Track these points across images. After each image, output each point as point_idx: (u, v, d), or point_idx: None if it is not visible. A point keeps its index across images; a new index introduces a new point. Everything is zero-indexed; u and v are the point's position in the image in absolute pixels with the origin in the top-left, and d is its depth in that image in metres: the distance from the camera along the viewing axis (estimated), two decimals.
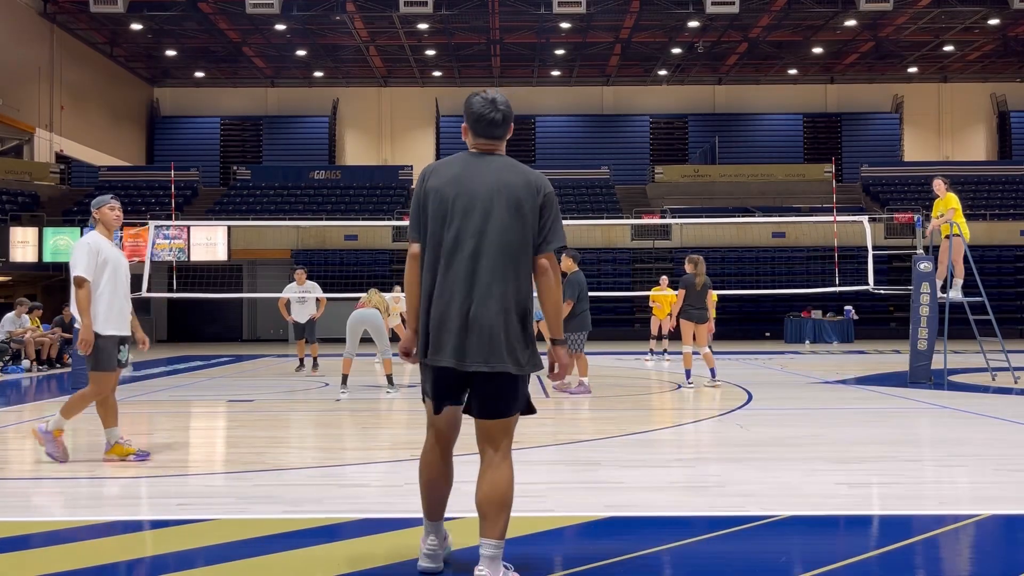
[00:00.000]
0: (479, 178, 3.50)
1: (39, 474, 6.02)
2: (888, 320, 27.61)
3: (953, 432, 7.43)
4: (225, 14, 30.36)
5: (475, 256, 3.38)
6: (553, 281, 3.45)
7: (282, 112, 39.38)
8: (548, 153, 38.50)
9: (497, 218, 3.41)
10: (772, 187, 33.34)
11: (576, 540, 4.27)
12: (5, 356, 15.02)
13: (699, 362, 11.55)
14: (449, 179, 3.51)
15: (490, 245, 3.38)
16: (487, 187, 3.47)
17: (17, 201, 29.56)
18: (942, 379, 11.17)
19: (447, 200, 3.46)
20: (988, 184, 33.31)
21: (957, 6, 29.46)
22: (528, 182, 3.53)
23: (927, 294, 11.36)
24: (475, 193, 3.46)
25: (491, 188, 3.46)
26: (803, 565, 3.79)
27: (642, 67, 37.33)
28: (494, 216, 3.41)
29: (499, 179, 3.51)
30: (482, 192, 3.45)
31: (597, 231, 28.12)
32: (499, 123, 3.68)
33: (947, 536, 4.29)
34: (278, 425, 8.28)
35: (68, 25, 31.95)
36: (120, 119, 36.98)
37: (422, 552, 3.70)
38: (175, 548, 4.15)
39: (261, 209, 31.26)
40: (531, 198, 3.48)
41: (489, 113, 3.69)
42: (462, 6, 29.62)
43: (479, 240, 3.39)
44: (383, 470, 5.86)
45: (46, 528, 4.44)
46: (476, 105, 3.69)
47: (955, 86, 38.94)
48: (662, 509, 4.80)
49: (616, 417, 8.74)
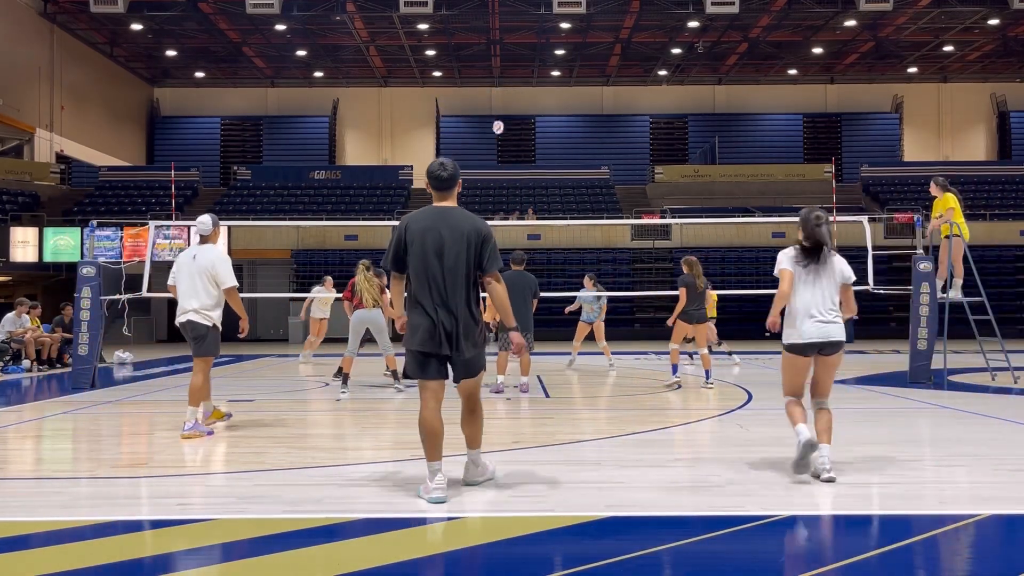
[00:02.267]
0: (443, 225, 5.03)
1: (39, 474, 6.02)
2: (888, 320, 27.60)
3: (953, 432, 7.44)
4: (225, 14, 30.37)
5: (444, 277, 4.99)
6: (497, 289, 5.07)
7: (282, 112, 39.39)
8: (548, 153, 38.50)
9: (453, 253, 4.97)
10: (772, 187, 33.34)
11: (576, 540, 4.27)
12: (5, 356, 15.02)
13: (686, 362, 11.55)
14: (423, 228, 5.02)
15: (450, 271, 4.98)
16: (449, 232, 5.00)
17: (17, 201, 29.56)
18: (942, 379, 11.16)
19: (424, 242, 5.00)
20: (988, 184, 33.31)
21: (957, 6, 29.46)
22: (474, 227, 5.03)
23: (927, 294, 11.36)
24: (441, 237, 4.99)
25: (452, 233, 4.99)
26: (803, 565, 3.79)
27: (642, 67, 37.34)
28: (452, 252, 4.98)
29: (455, 226, 5.01)
30: (447, 236, 4.99)
31: (597, 231, 28.13)
32: (445, 179, 5.10)
33: (947, 536, 4.29)
34: (278, 425, 8.29)
35: (68, 25, 31.96)
36: (120, 119, 36.98)
37: (432, 488, 4.91)
38: (175, 548, 4.15)
39: (261, 209, 31.27)
40: (476, 238, 4.99)
41: (437, 171, 5.12)
42: (462, 6, 29.62)
43: (444, 267, 4.98)
44: (383, 470, 5.86)
45: (46, 528, 4.44)
46: (430, 168, 5.15)
47: (955, 86, 38.94)
48: (662, 509, 4.81)
49: (616, 417, 8.75)
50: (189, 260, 7.46)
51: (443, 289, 4.94)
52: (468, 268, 4.98)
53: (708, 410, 9.08)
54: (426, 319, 4.95)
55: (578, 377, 13.20)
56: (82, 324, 11.76)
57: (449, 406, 5.27)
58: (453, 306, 4.94)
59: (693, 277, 11.16)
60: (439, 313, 4.93)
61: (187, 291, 7.40)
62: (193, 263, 7.42)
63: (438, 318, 4.92)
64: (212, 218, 7.81)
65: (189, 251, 7.59)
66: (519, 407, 9.54)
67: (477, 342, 5.05)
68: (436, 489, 4.87)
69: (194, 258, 7.46)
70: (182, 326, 7.47)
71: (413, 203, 33.13)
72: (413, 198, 33.68)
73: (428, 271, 4.95)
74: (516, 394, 10.76)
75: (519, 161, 38.31)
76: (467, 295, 4.99)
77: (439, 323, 4.92)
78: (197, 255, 7.48)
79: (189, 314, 7.37)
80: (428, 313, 4.94)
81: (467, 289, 4.99)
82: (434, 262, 4.94)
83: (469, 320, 4.98)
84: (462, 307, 4.96)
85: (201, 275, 7.38)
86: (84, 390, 11.30)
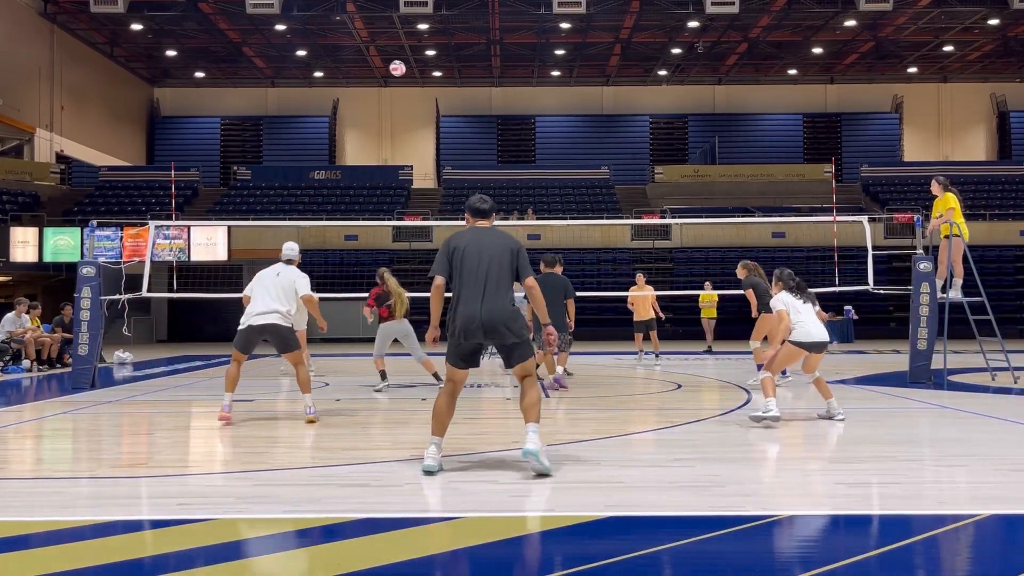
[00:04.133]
0: (487, 239, 6.01)
1: (39, 474, 6.02)
2: (888, 320, 27.60)
3: (953, 432, 7.43)
4: (225, 14, 30.38)
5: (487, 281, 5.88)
6: (535, 290, 6.04)
7: (282, 112, 39.39)
8: (548, 153, 38.52)
9: (496, 262, 5.90)
10: (772, 187, 33.34)
11: (576, 540, 4.27)
12: (5, 356, 15.02)
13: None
14: (470, 240, 5.96)
15: (493, 274, 5.90)
16: (491, 246, 5.96)
17: (17, 201, 29.56)
18: (942, 379, 11.16)
19: (472, 251, 5.92)
20: (988, 184, 33.32)
21: (957, 6, 29.47)
22: (512, 241, 6.02)
23: (927, 294, 11.35)
24: (483, 249, 5.94)
25: (493, 246, 5.96)
26: (803, 565, 3.79)
27: (642, 67, 37.35)
28: (495, 261, 5.91)
29: (495, 241, 5.98)
30: (488, 249, 5.94)
31: (597, 231, 28.13)
32: (485, 210, 6.16)
33: (947, 536, 4.29)
34: (278, 425, 8.28)
35: (68, 25, 31.96)
36: (120, 119, 36.99)
37: (427, 458, 5.67)
38: (175, 548, 4.15)
39: (261, 209, 31.26)
40: (511, 251, 5.95)
41: (477, 204, 6.16)
42: (462, 6, 29.63)
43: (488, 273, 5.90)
44: (383, 470, 5.86)
45: (46, 528, 4.44)
46: (472, 201, 6.20)
47: (955, 86, 38.95)
48: (662, 509, 4.81)
49: (616, 417, 8.75)
50: (273, 276, 8.51)
51: (487, 288, 5.82)
52: (508, 272, 5.92)
53: (708, 410, 9.08)
54: (469, 313, 5.75)
55: (578, 377, 13.19)
56: (82, 324, 11.75)
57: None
58: (497, 302, 5.79)
59: (759, 278, 11.57)
60: (483, 308, 5.75)
61: (271, 299, 8.38)
62: (277, 279, 8.48)
63: (481, 313, 5.73)
64: (296, 246, 8.97)
65: (273, 269, 8.63)
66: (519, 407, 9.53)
67: (520, 332, 5.83)
68: (428, 458, 5.64)
69: (278, 275, 8.51)
70: (263, 328, 8.31)
71: (413, 203, 33.14)
72: (413, 198, 33.69)
73: (476, 273, 5.84)
74: (514, 393, 10.76)
75: (519, 161, 38.32)
76: (507, 294, 5.88)
77: (480, 317, 5.73)
78: (281, 272, 8.56)
79: (272, 316, 8.28)
80: (472, 309, 5.75)
81: (507, 289, 5.90)
82: (482, 266, 5.85)
83: (509, 312, 5.82)
84: (504, 303, 5.82)
85: (285, 288, 8.47)
86: (84, 390, 11.30)
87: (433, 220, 28.10)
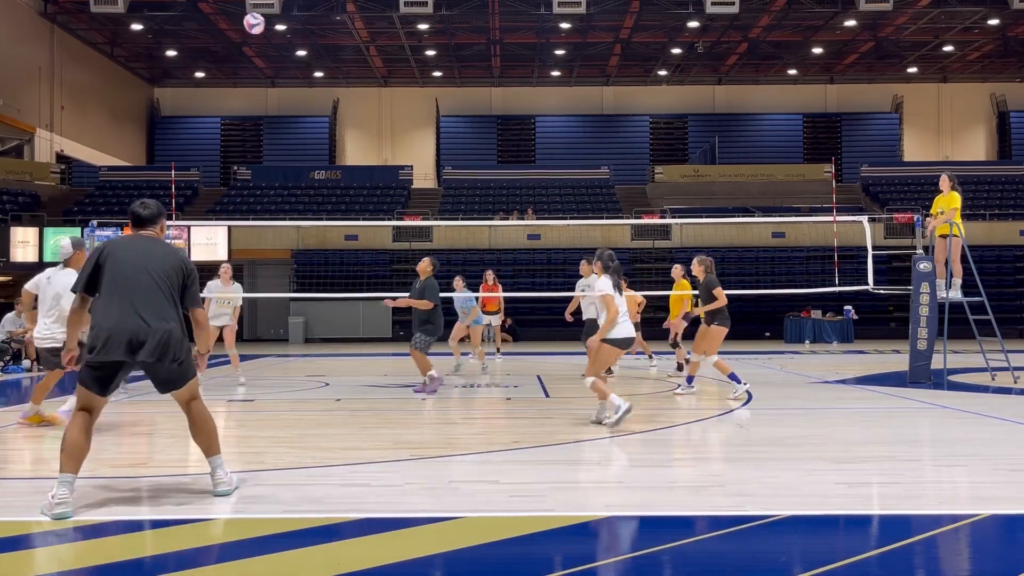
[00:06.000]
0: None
1: (39, 474, 6.02)
2: (888, 320, 27.61)
3: (953, 432, 7.43)
4: (225, 14, 30.38)
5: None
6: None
7: (282, 112, 39.39)
8: (548, 153, 38.52)
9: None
10: (772, 187, 33.34)
11: (576, 540, 4.28)
12: (5, 356, 15.03)
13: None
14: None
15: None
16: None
17: (18, 201, 29.56)
18: (942, 379, 11.16)
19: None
20: (988, 184, 33.32)
21: (957, 6, 29.47)
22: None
23: (927, 294, 11.34)
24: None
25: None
26: (803, 565, 3.79)
27: (642, 67, 37.35)
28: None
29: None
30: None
31: (597, 231, 28.13)
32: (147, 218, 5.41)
33: (946, 536, 4.29)
34: (278, 425, 8.29)
35: (68, 25, 31.96)
36: (120, 119, 36.99)
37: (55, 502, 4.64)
38: (175, 548, 4.15)
39: (261, 209, 31.27)
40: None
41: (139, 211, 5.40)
42: (462, 6, 29.63)
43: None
44: (383, 470, 5.86)
45: (46, 528, 4.44)
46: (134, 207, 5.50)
47: (955, 86, 38.95)
48: (662, 509, 4.81)
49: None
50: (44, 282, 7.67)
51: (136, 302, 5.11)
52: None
53: (708, 410, 9.08)
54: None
55: (578, 377, 13.20)
56: None
57: (449, 407, 5.25)
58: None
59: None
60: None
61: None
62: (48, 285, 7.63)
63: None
64: (74, 240, 7.87)
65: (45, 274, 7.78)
66: (519, 407, 9.54)
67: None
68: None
69: (48, 279, 7.64)
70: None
71: (413, 203, 33.15)
72: (413, 198, 33.69)
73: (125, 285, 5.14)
74: (514, 393, 10.77)
75: (519, 161, 38.32)
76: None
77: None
78: (52, 277, 7.62)
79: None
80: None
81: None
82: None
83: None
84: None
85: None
86: None
87: (433, 220, 28.12)
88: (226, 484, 5.11)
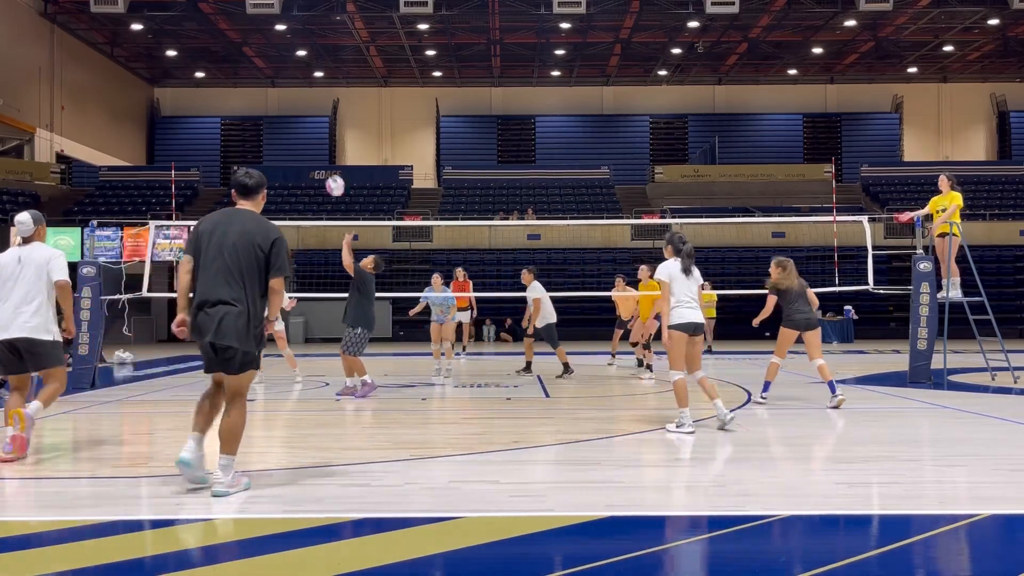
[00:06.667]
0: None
1: (39, 474, 6.02)
2: (888, 320, 27.61)
3: (953, 432, 7.44)
4: (225, 14, 30.37)
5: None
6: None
7: (282, 112, 39.39)
8: (548, 153, 38.51)
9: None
10: (772, 187, 33.34)
11: (576, 540, 4.28)
12: None
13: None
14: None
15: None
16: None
17: (17, 201, 29.55)
18: (942, 379, 11.16)
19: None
20: (988, 184, 33.32)
21: (957, 6, 29.47)
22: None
23: (927, 294, 11.35)
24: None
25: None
26: (803, 565, 3.79)
27: (642, 67, 37.35)
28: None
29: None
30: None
31: (597, 231, 28.13)
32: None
33: (946, 536, 4.29)
34: (278, 425, 8.29)
35: (68, 25, 31.96)
36: (120, 119, 36.98)
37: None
38: (175, 548, 4.15)
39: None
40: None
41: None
42: (462, 6, 29.62)
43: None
44: (383, 470, 5.86)
45: (46, 528, 4.44)
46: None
47: (955, 86, 38.95)
48: (662, 509, 4.81)
49: (616, 417, 8.74)
50: (14, 264, 6.55)
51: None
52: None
53: (708, 410, 9.07)
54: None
55: (578, 377, 13.20)
56: (82, 324, 11.76)
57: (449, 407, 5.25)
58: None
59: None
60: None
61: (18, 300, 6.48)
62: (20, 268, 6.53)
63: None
64: (33, 215, 6.76)
65: (12, 254, 6.65)
66: (519, 407, 9.54)
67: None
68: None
69: (19, 261, 6.55)
70: (12, 344, 6.49)
71: (413, 203, 33.15)
72: (413, 198, 33.69)
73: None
74: (514, 393, 10.77)
75: (519, 161, 38.32)
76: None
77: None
78: (23, 257, 6.56)
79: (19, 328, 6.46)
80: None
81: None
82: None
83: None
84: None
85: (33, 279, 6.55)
86: (84, 390, 11.31)
87: (433, 220, 28.12)
88: (223, 485, 5.05)
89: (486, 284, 27.61)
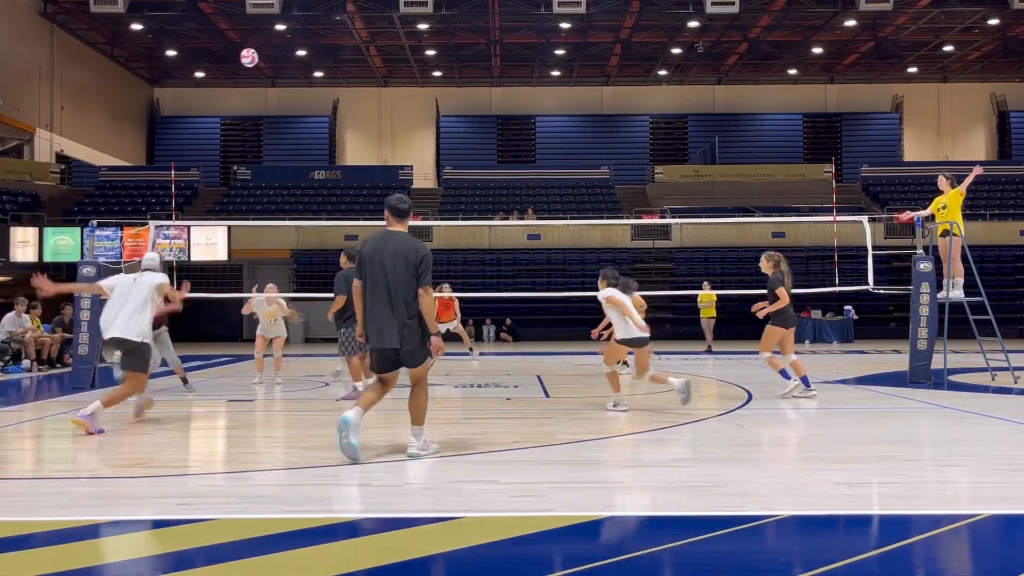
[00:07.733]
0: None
1: (39, 474, 6.02)
2: (888, 320, 27.61)
3: (953, 432, 7.44)
4: (225, 14, 30.37)
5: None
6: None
7: (282, 112, 39.39)
8: (548, 153, 38.51)
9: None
10: (772, 187, 33.34)
11: (576, 540, 4.28)
12: (5, 356, 15.03)
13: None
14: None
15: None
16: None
17: (17, 201, 29.56)
18: (942, 379, 11.16)
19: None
20: (988, 184, 33.31)
21: (957, 6, 29.47)
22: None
23: (927, 294, 11.35)
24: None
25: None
26: (803, 565, 3.79)
27: (642, 67, 37.35)
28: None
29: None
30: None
31: (597, 231, 28.13)
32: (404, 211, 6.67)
33: (947, 536, 4.29)
34: (278, 425, 8.29)
35: (68, 25, 31.96)
36: (120, 119, 36.98)
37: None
38: (175, 548, 4.15)
39: (261, 209, 31.27)
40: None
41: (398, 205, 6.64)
42: (462, 6, 29.62)
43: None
44: (383, 470, 5.87)
45: (46, 528, 4.44)
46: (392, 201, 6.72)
47: (955, 86, 38.94)
48: (662, 509, 4.81)
49: (616, 417, 8.74)
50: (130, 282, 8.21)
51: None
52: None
53: (708, 410, 9.08)
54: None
55: (578, 377, 13.20)
56: (82, 324, 11.77)
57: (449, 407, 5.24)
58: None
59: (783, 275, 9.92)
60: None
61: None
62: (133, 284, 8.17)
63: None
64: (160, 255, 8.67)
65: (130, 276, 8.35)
66: (519, 407, 9.54)
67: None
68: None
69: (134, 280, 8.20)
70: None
71: (413, 203, 33.06)
72: (413, 198, 33.61)
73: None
74: (514, 393, 10.77)
75: (519, 161, 38.32)
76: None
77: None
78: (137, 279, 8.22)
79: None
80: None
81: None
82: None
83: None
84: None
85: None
86: (84, 390, 11.30)
87: (433, 220, 28.10)
88: (416, 448, 6.21)
89: (486, 284, 27.64)
